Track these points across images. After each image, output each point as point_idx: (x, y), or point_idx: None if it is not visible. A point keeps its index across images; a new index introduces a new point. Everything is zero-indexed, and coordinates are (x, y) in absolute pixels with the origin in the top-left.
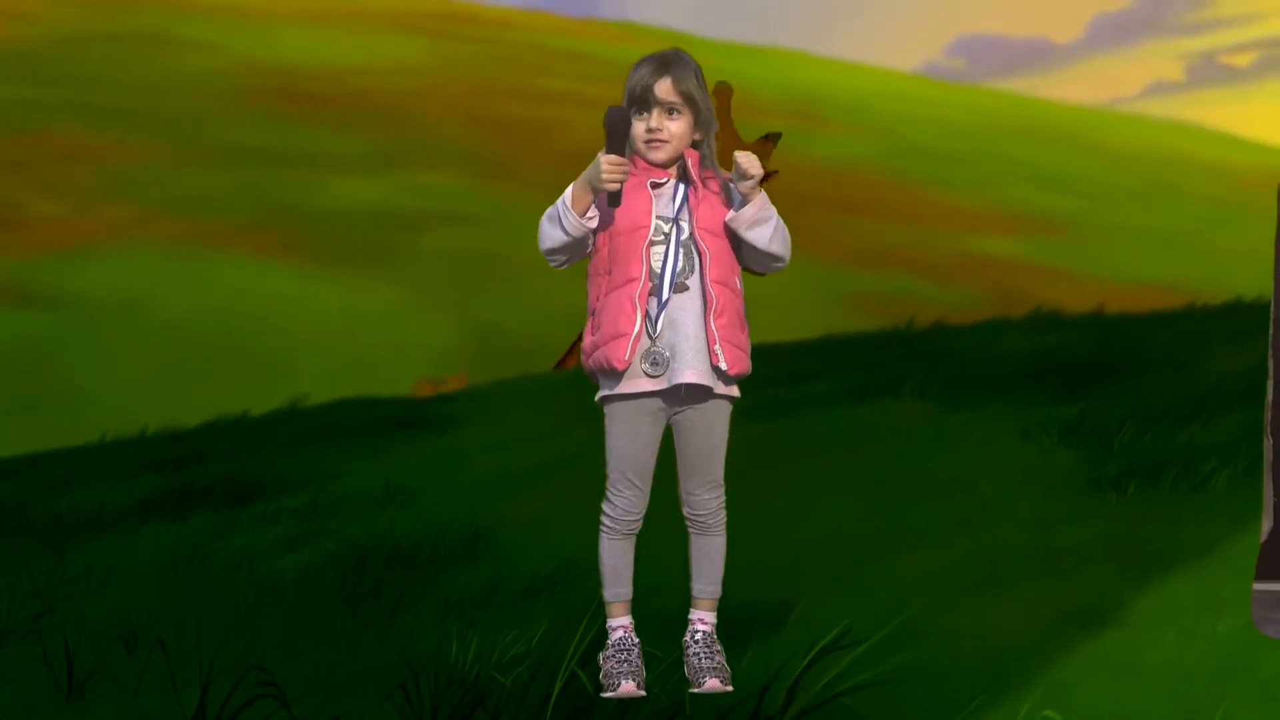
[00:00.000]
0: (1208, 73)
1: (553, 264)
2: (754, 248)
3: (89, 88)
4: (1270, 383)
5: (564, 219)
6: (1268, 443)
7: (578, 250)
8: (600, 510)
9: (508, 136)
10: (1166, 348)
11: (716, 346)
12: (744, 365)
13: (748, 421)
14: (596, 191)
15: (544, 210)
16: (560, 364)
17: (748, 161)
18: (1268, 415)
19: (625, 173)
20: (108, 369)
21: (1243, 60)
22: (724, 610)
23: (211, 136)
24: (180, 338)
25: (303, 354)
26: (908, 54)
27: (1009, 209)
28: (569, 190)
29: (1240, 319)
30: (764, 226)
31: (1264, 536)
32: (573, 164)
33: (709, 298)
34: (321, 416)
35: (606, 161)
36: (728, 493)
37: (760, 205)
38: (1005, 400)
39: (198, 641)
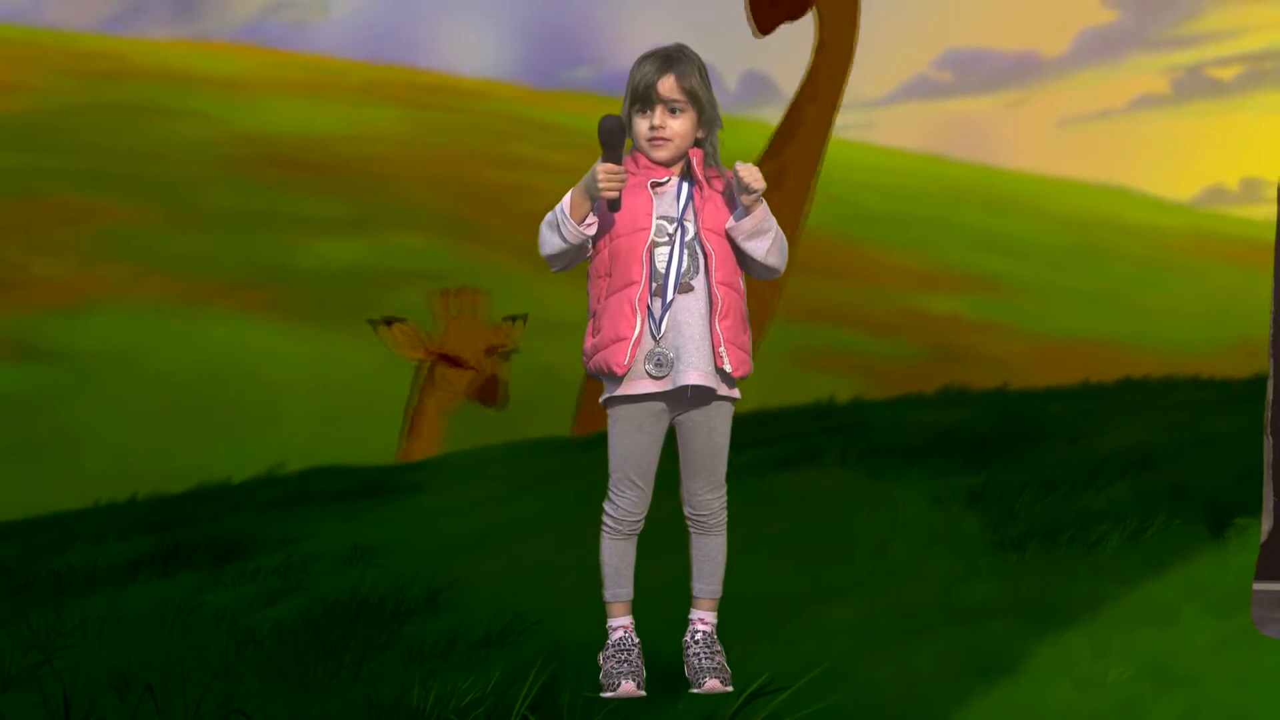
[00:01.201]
0: (1193, 86)
1: (552, 268)
2: (750, 257)
3: (87, 155)
4: (1270, 383)
5: (562, 227)
6: (1268, 443)
7: (577, 256)
8: (603, 511)
9: (477, 200)
10: (1063, 422)
11: (721, 348)
12: (747, 367)
13: None
14: (594, 199)
15: (511, 270)
16: (577, 427)
17: (748, 175)
18: (1268, 415)
19: (622, 181)
20: (104, 416)
21: (1228, 74)
22: (656, 662)
23: (201, 201)
24: (172, 388)
25: (284, 402)
26: (897, 68)
27: (949, 269)
28: (567, 197)
29: (1130, 395)
30: (763, 238)
31: (1264, 537)
32: (538, 225)
33: (714, 299)
34: (296, 483)
35: (603, 170)
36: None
37: (760, 217)
38: (917, 470)
39: (183, 687)
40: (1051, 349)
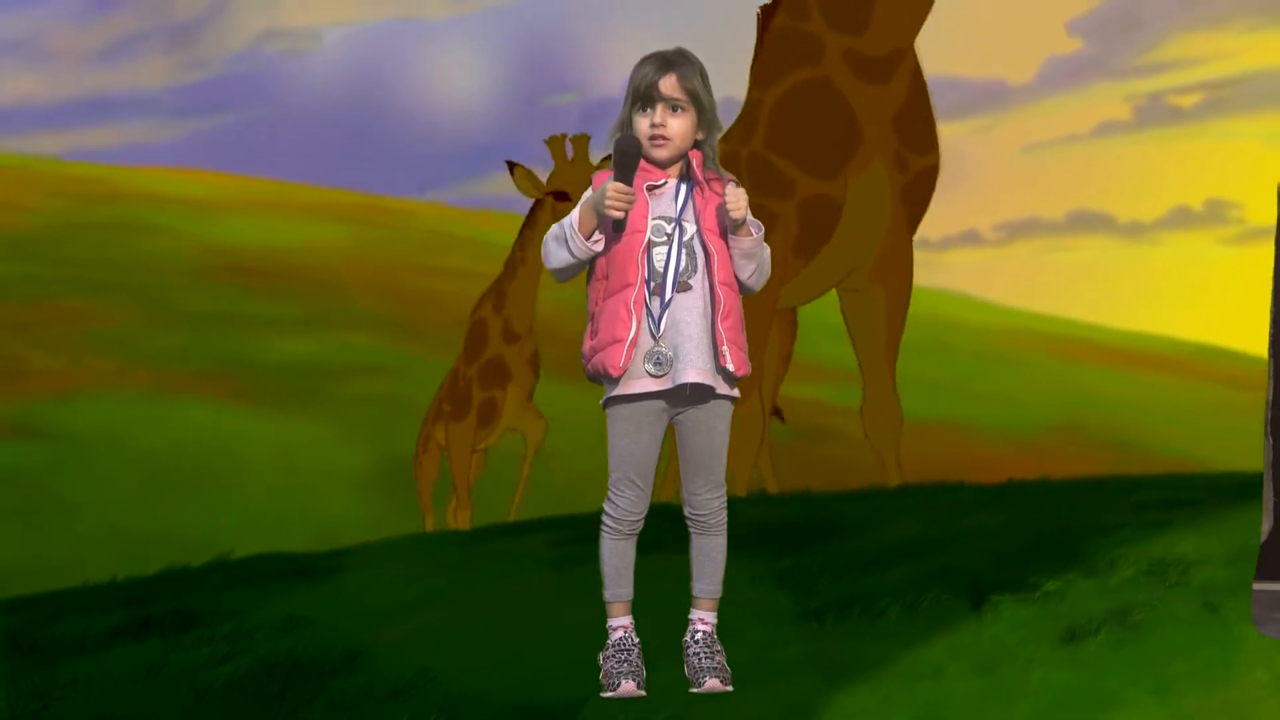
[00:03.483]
0: (1155, 113)
1: (557, 280)
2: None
3: (78, 265)
4: (1270, 382)
5: (570, 242)
6: (1268, 443)
7: (580, 267)
8: (603, 511)
9: (413, 304)
10: (856, 517)
11: (724, 348)
12: (748, 367)
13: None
14: (601, 217)
15: (445, 365)
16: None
17: (734, 202)
18: (1268, 415)
19: (630, 203)
20: (95, 488)
21: (1188, 101)
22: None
23: (176, 304)
24: (153, 463)
25: (250, 473)
26: None
27: (816, 363)
28: (575, 212)
29: (910, 497)
30: (751, 261)
31: (1264, 537)
32: (465, 324)
33: (716, 299)
34: (242, 567)
35: (613, 190)
36: None
37: (754, 243)
38: (738, 556)
39: None
40: (908, 428)
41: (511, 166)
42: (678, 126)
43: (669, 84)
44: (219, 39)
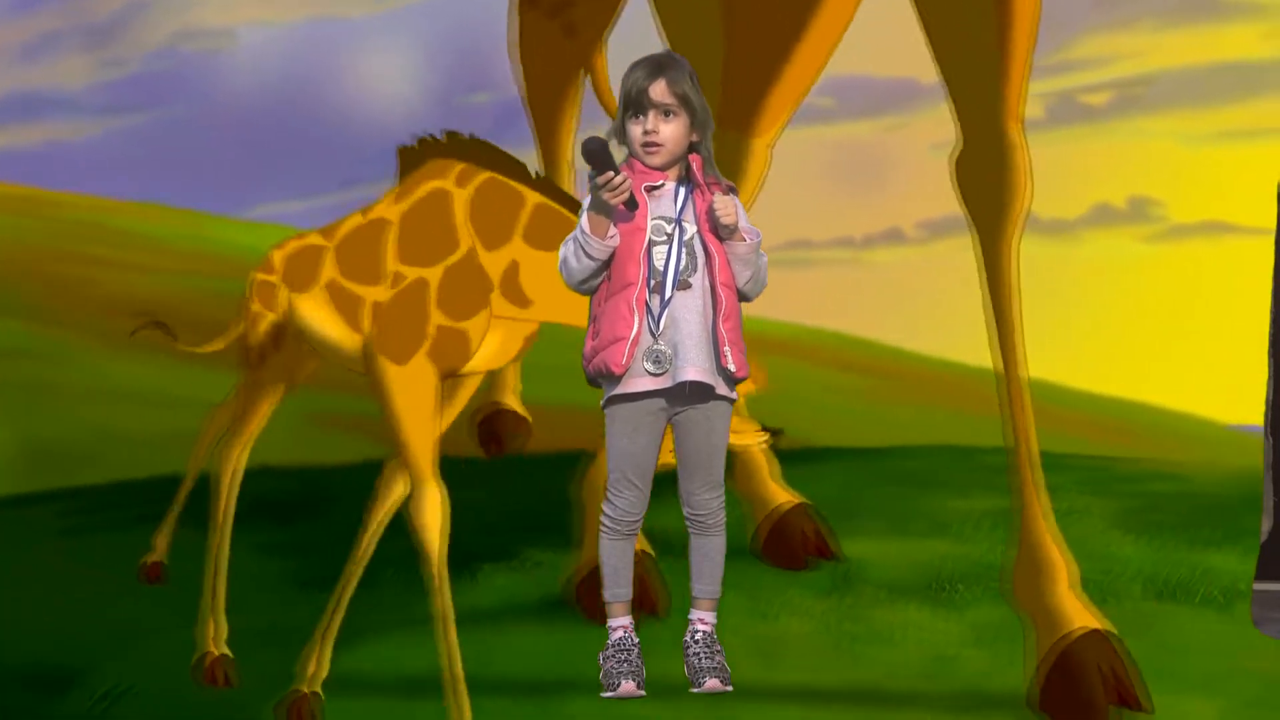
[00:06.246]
0: (1067, 112)
1: (582, 292)
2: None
3: None
4: (1270, 382)
5: (588, 247)
6: (1267, 443)
7: (604, 269)
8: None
9: (58, 291)
10: (354, 489)
11: (725, 348)
12: (748, 369)
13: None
14: (609, 211)
15: (89, 348)
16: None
17: (723, 209)
18: (1267, 415)
19: (625, 180)
20: None
21: (1099, 99)
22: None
23: None
24: None
25: None
26: None
27: None
28: (584, 220)
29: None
30: (746, 267)
31: (1264, 537)
32: (112, 310)
33: (717, 299)
34: None
35: (602, 180)
36: None
37: (749, 249)
38: (241, 529)
39: None
40: None
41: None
42: (669, 132)
43: (659, 89)
44: (135, 38)
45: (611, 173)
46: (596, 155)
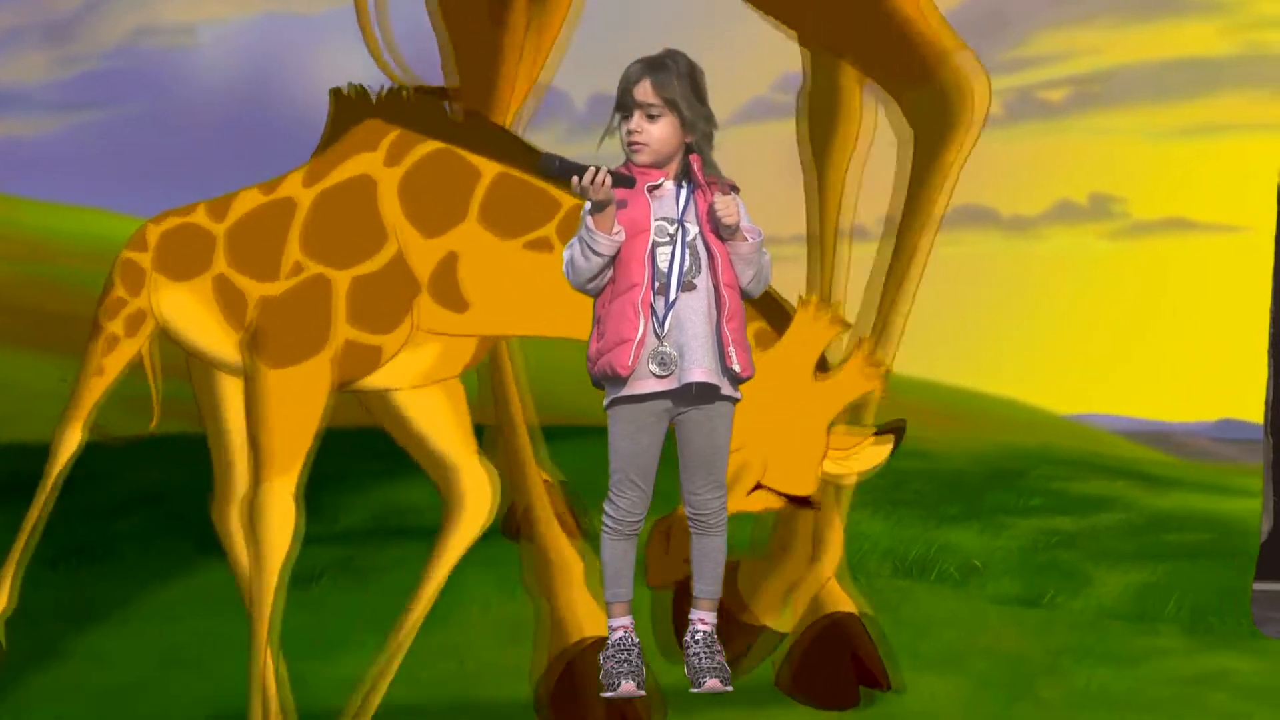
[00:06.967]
0: (1024, 108)
1: (589, 292)
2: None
3: None
4: (1270, 382)
5: (594, 244)
6: (1267, 443)
7: (609, 268)
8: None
9: None
10: (94, 466)
11: (730, 349)
12: (752, 369)
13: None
14: (607, 206)
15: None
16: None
17: (724, 209)
18: (1267, 414)
19: (603, 172)
20: None
21: (1056, 95)
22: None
23: None
24: None
25: None
26: (739, 91)
27: None
28: (588, 219)
29: (154, 447)
30: (750, 267)
31: (1264, 537)
32: None
33: (721, 300)
34: None
35: (586, 177)
36: None
37: (751, 248)
38: None
39: None
40: None
41: None
42: (656, 132)
43: (643, 90)
44: (95, 35)
45: (577, 178)
46: (554, 172)
